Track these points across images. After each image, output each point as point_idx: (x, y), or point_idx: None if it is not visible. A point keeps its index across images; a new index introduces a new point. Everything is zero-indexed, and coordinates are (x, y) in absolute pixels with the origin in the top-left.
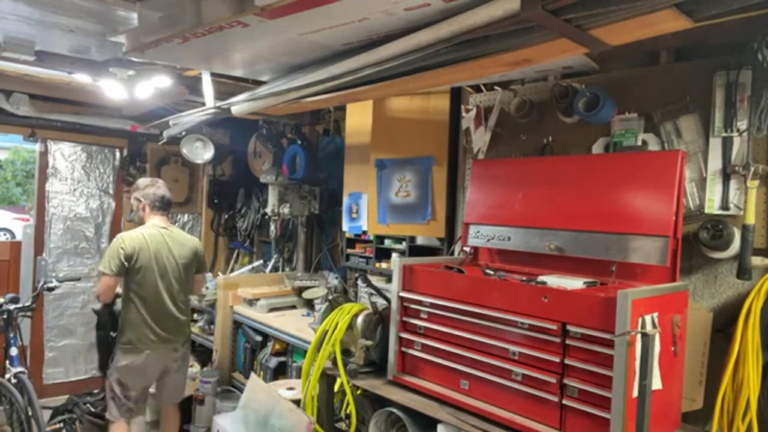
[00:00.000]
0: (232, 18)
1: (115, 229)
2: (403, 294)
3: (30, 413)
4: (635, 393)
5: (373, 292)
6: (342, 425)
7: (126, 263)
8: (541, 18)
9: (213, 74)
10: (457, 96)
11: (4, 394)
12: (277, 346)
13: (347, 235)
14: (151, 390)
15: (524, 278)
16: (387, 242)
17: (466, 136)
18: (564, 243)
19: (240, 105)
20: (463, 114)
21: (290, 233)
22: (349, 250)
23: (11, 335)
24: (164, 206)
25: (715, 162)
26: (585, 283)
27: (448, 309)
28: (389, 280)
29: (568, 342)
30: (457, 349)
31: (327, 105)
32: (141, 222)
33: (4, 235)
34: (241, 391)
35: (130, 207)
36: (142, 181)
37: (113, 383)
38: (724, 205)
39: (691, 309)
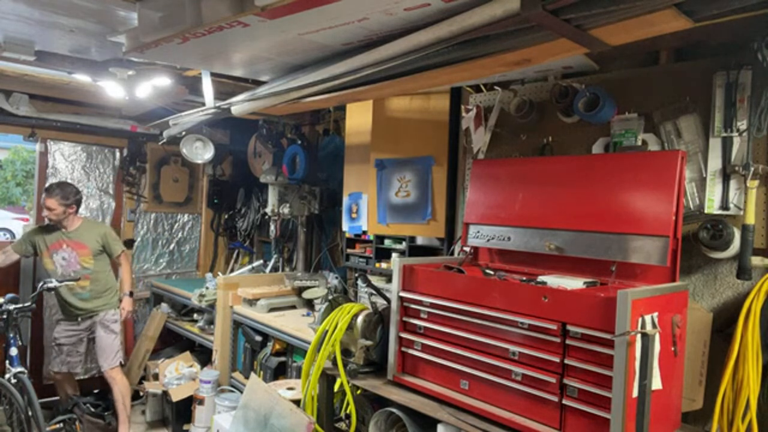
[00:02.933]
0: (232, 18)
1: (115, 229)
2: (403, 294)
3: (30, 413)
4: (635, 393)
5: (373, 292)
6: (342, 425)
7: None
8: (541, 18)
9: (213, 74)
10: (457, 96)
11: (4, 394)
12: (277, 346)
13: (347, 235)
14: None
15: (524, 278)
16: (387, 242)
17: (466, 136)
18: (564, 243)
19: (240, 105)
20: (463, 114)
21: (290, 233)
22: (349, 250)
23: (11, 335)
24: None
25: (715, 162)
26: (585, 283)
27: (448, 309)
28: (389, 280)
29: (568, 342)
30: (457, 349)
31: (327, 105)
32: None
33: (4, 235)
34: (241, 391)
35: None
36: (74, 188)
37: (120, 333)
38: (724, 205)
39: (691, 309)
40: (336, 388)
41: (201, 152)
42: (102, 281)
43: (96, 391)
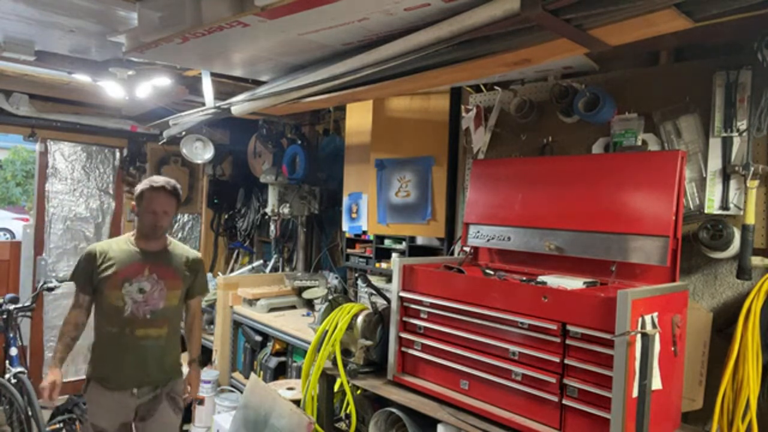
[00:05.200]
0: (232, 18)
1: (115, 230)
2: (403, 294)
3: (30, 413)
4: (635, 393)
5: (373, 292)
6: (342, 425)
7: None
8: (541, 18)
9: (213, 74)
10: (457, 96)
11: (4, 394)
12: (277, 346)
13: (347, 235)
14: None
15: (524, 278)
16: (387, 242)
17: (466, 136)
18: (564, 243)
19: (240, 105)
20: (463, 114)
21: (290, 233)
22: (349, 250)
23: (11, 335)
24: None
25: (715, 162)
26: (585, 283)
27: (448, 309)
28: (389, 280)
29: (568, 342)
30: (457, 349)
31: (327, 105)
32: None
33: (4, 235)
34: (241, 391)
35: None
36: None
37: None
38: (724, 205)
39: (691, 309)
40: (336, 388)
41: (201, 152)
42: (179, 330)
43: None
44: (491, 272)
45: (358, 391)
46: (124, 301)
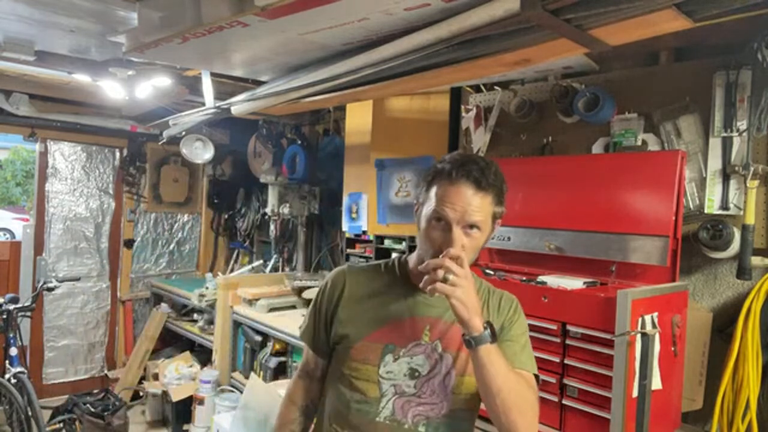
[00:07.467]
0: (232, 18)
1: (115, 230)
2: None
3: (30, 413)
4: (635, 393)
5: None
6: None
7: None
8: (541, 18)
9: (213, 74)
10: (457, 96)
11: (4, 394)
12: (277, 346)
13: (347, 235)
14: None
15: (524, 278)
16: (387, 242)
17: (466, 136)
18: (564, 243)
19: (240, 105)
20: (463, 114)
21: (290, 233)
22: (349, 250)
23: (11, 335)
24: None
25: (715, 162)
26: (585, 283)
27: None
28: None
29: (567, 342)
30: None
31: (327, 105)
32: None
33: (4, 235)
34: (241, 391)
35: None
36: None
37: None
38: (724, 205)
39: (691, 309)
40: None
41: (201, 152)
42: None
43: (96, 391)
44: (491, 272)
45: None
46: (381, 391)
